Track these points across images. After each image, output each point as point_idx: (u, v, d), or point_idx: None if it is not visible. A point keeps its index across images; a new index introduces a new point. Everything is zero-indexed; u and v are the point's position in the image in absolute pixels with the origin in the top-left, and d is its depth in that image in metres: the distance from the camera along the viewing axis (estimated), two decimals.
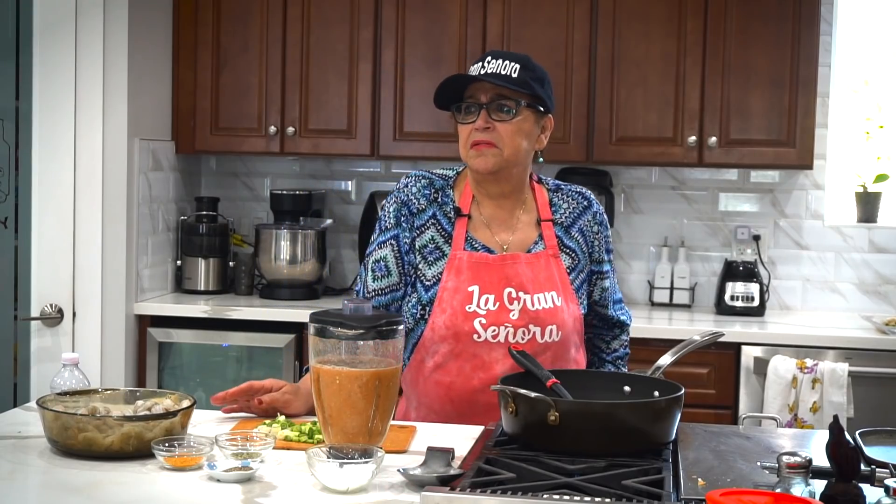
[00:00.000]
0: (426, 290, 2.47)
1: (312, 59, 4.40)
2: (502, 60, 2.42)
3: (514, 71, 2.42)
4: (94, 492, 1.89)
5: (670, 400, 2.08)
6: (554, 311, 2.46)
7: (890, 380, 3.83)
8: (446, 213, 2.51)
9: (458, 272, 2.45)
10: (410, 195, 2.52)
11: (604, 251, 2.59)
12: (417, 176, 2.56)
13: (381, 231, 2.54)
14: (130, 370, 4.17)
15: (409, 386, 2.57)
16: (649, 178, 4.62)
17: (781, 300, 4.55)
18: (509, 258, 2.47)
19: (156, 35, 4.35)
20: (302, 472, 2.00)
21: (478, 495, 1.75)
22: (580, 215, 2.56)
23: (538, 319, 2.44)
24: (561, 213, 2.55)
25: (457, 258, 2.46)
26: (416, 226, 2.50)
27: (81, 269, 4.05)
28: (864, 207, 4.53)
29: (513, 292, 2.44)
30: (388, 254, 2.51)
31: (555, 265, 2.50)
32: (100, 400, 2.24)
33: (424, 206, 2.51)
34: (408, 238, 2.50)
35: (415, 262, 2.49)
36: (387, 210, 2.54)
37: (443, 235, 2.49)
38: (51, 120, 4.00)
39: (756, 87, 4.20)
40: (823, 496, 1.72)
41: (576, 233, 2.55)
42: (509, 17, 4.28)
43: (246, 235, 4.77)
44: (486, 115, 2.42)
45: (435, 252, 2.49)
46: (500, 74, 2.40)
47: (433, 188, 2.53)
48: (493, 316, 2.43)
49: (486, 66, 2.42)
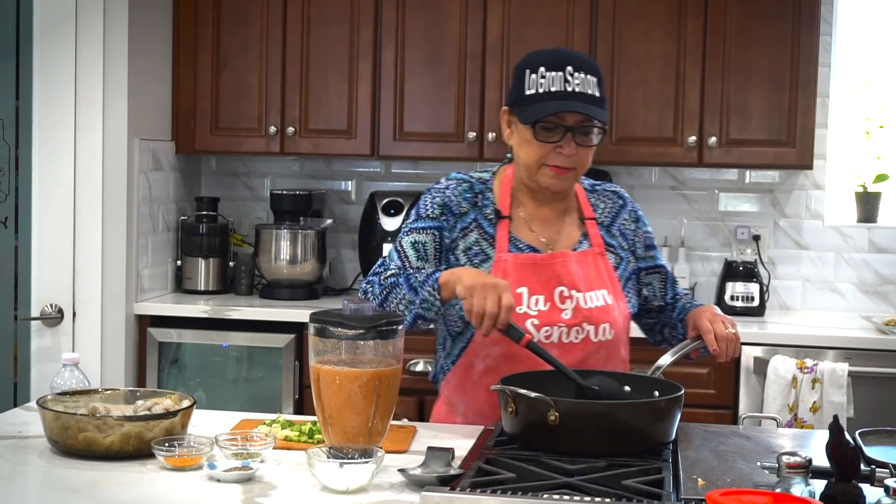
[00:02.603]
0: None
1: (312, 60, 4.40)
2: (584, 74, 2.35)
3: (595, 87, 2.36)
4: (94, 492, 1.89)
5: (670, 400, 2.08)
6: (606, 309, 2.43)
7: (890, 380, 3.83)
8: (487, 215, 2.48)
9: (505, 274, 2.40)
10: (452, 196, 2.47)
11: (645, 247, 2.57)
12: (458, 179, 2.52)
13: (420, 218, 2.46)
14: (130, 370, 4.17)
15: (454, 391, 2.51)
16: (649, 178, 4.62)
17: (781, 300, 4.55)
18: (559, 256, 2.44)
19: (156, 35, 4.35)
20: (302, 472, 2.00)
21: (478, 495, 1.75)
22: (617, 214, 2.56)
23: (591, 318, 2.41)
24: (600, 213, 2.54)
25: (502, 260, 2.43)
26: (459, 228, 2.46)
27: (81, 269, 4.05)
28: (864, 207, 4.53)
29: (564, 291, 2.41)
30: (428, 240, 2.45)
31: (602, 263, 2.48)
32: (100, 400, 2.24)
33: (466, 209, 2.47)
34: (448, 237, 2.46)
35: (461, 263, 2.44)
36: (427, 202, 2.47)
37: (486, 238, 2.46)
38: (51, 120, 4.00)
39: (756, 87, 4.20)
40: (823, 496, 1.72)
41: (616, 232, 2.54)
42: (509, 17, 4.28)
43: (246, 235, 4.77)
44: (571, 139, 2.36)
45: (480, 255, 2.45)
46: (587, 95, 2.34)
47: (473, 192, 2.50)
48: (545, 316, 2.39)
49: (570, 81, 2.34)
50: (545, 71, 2.35)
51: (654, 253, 2.60)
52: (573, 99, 2.33)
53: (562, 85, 2.34)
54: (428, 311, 2.32)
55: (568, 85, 2.33)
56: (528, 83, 2.37)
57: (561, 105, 2.33)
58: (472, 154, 4.34)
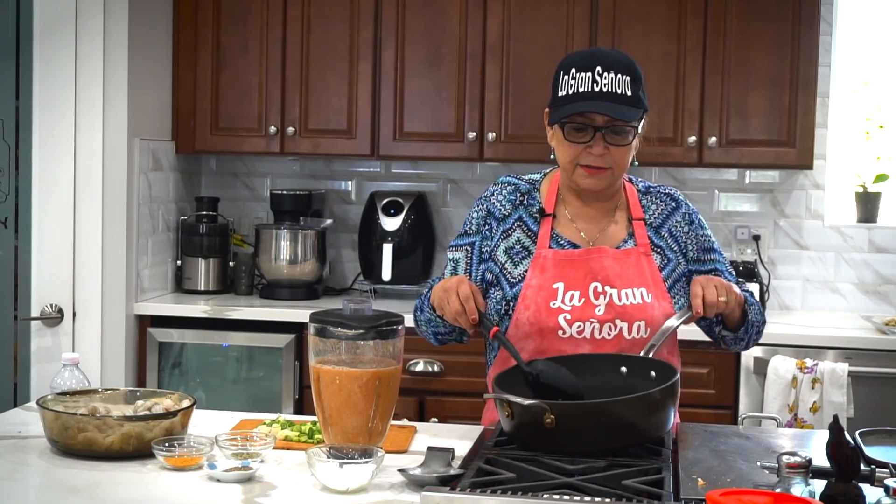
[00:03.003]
0: (511, 287, 2.43)
1: (312, 59, 4.40)
2: (615, 74, 2.33)
3: (627, 86, 2.34)
4: (94, 492, 1.89)
5: (664, 390, 2.07)
6: (643, 306, 2.40)
7: (890, 380, 3.83)
8: (532, 213, 2.49)
9: (543, 270, 2.42)
10: (496, 202, 2.51)
11: (700, 250, 2.52)
12: (504, 183, 2.55)
13: (462, 234, 2.54)
14: (130, 370, 4.17)
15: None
16: (649, 179, 4.61)
17: (781, 300, 4.55)
18: (595, 251, 2.44)
19: (156, 35, 4.35)
20: (302, 472, 2.00)
21: (478, 495, 1.75)
22: (669, 216, 2.52)
23: (625, 315, 2.39)
24: (650, 214, 2.52)
25: (542, 256, 2.43)
26: (502, 230, 2.49)
27: (81, 269, 4.05)
28: (864, 207, 4.53)
29: (599, 286, 2.40)
30: (461, 257, 2.52)
31: (646, 262, 2.45)
32: (100, 400, 2.24)
33: (510, 210, 2.50)
34: (488, 246, 2.49)
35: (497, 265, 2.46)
36: (471, 216, 2.53)
37: (529, 236, 2.47)
38: (51, 120, 4.00)
39: (756, 87, 4.20)
40: (823, 496, 1.72)
41: (665, 233, 2.51)
42: (509, 17, 4.28)
43: (246, 235, 4.77)
44: (601, 139, 2.36)
45: (521, 252, 2.46)
46: (616, 94, 2.33)
47: (519, 192, 2.52)
48: (577, 312, 2.38)
49: (598, 81, 2.33)
50: (575, 72, 2.35)
51: (713, 256, 2.55)
52: (599, 99, 2.32)
53: (589, 85, 2.33)
54: (437, 327, 2.47)
55: (596, 85, 2.32)
56: (561, 84, 2.38)
57: (582, 105, 2.33)
58: (472, 154, 4.33)
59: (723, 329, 2.49)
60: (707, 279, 2.37)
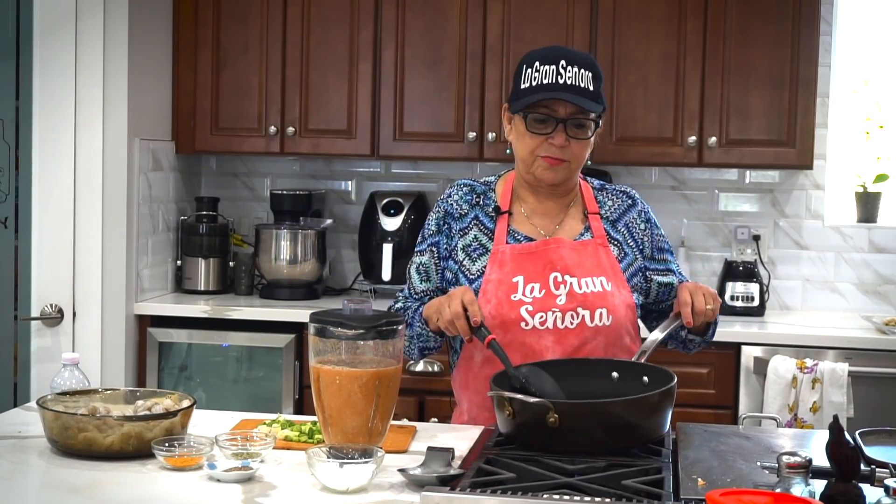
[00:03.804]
0: (470, 283, 2.46)
1: (312, 59, 4.40)
2: (578, 69, 2.38)
3: (589, 82, 2.39)
4: (94, 492, 1.89)
5: (664, 393, 2.08)
6: (603, 294, 2.43)
7: (890, 380, 3.83)
8: (487, 212, 2.53)
9: (502, 265, 2.45)
10: (452, 202, 2.55)
11: (656, 249, 2.56)
12: (460, 185, 2.59)
13: (423, 238, 2.57)
14: (130, 370, 4.17)
15: (460, 388, 2.56)
16: (649, 178, 4.62)
17: (781, 300, 4.55)
18: (552, 242, 2.47)
19: (156, 35, 4.35)
20: (302, 472, 2.00)
21: (478, 495, 1.75)
22: (625, 212, 2.56)
23: (586, 302, 2.41)
24: (606, 209, 2.55)
25: (499, 251, 2.46)
26: (459, 229, 2.52)
27: (81, 269, 4.05)
28: (864, 207, 4.53)
29: (558, 276, 2.43)
30: (427, 260, 2.55)
31: (604, 253, 2.48)
32: (100, 400, 2.24)
33: (466, 210, 2.53)
34: (447, 245, 2.52)
35: (456, 263, 2.50)
36: (430, 220, 2.57)
37: (485, 233, 2.50)
38: (51, 120, 4.00)
39: (756, 87, 4.20)
40: (823, 496, 1.72)
41: (622, 228, 2.54)
42: (509, 17, 4.28)
43: (246, 235, 4.77)
44: (563, 131, 2.39)
45: (478, 249, 2.49)
46: (580, 88, 2.37)
47: (475, 193, 2.56)
48: (539, 303, 2.41)
49: (562, 74, 2.38)
50: (539, 65, 2.40)
51: (667, 257, 2.59)
52: (564, 90, 2.37)
53: (554, 77, 2.37)
54: (427, 341, 2.49)
55: (560, 77, 2.37)
56: (524, 78, 2.42)
57: (549, 94, 2.37)
58: (472, 154, 4.34)
59: (689, 333, 2.51)
60: (695, 287, 2.41)
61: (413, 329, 2.48)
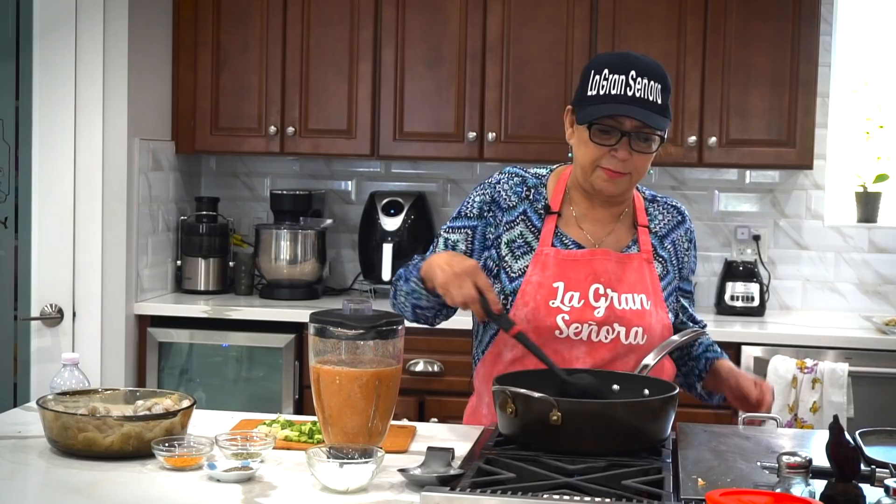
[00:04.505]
0: (510, 281, 2.41)
1: (312, 59, 4.40)
2: (648, 80, 2.30)
3: (658, 94, 2.31)
4: (94, 492, 1.89)
5: (666, 399, 2.08)
6: (642, 313, 2.39)
7: (890, 380, 3.83)
8: (537, 209, 2.46)
9: (544, 268, 2.40)
10: (501, 191, 2.47)
11: (689, 271, 2.55)
12: (511, 173, 2.51)
13: (460, 216, 2.49)
14: (130, 370, 4.17)
15: (483, 381, 2.48)
16: (649, 178, 4.62)
17: (781, 300, 4.55)
18: (600, 253, 2.42)
19: (156, 35, 4.35)
20: (302, 472, 2.00)
21: (478, 495, 1.75)
22: (674, 229, 2.52)
23: (624, 319, 2.38)
24: (656, 224, 2.51)
25: (543, 253, 2.41)
26: (505, 221, 2.45)
27: (81, 269, 4.05)
28: (864, 207, 4.53)
29: (600, 289, 2.38)
30: (460, 239, 2.46)
31: (647, 270, 2.44)
32: (100, 400, 2.24)
33: (515, 202, 2.46)
34: (492, 233, 2.45)
35: (499, 255, 2.44)
36: (472, 199, 2.48)
37: (532, 231, 2.44)
38: (51, 120, 4.00)
39: (756, 86, 4.20)
40: (823, 496, 1.72)
41: (668, 245, 2.50)
42: (509, 16, 4.28)
43: (246, 235, 4.77)
44: (627, 144, 2.32)
45: (523, 246, 2.43)
46: (648, 101, 2.30)
47: (526, 186, 2.48)
48: (576, 313, 2.36)
49: (631, 86, 2.29)
50: (608, 73, 2.31)
51: (692, 279, 2.59)
52: (632, 104, 2.29)
53: (622, 89, 2.30)
54: (419, 300, 2.38)
55: (629, 89, 2.29)
56: (591, 84, 2.34)
57: (617, 108, 2.30)
58: (472, 154, 4.34)
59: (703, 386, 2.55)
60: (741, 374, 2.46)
61: (409, 284, 2.38)
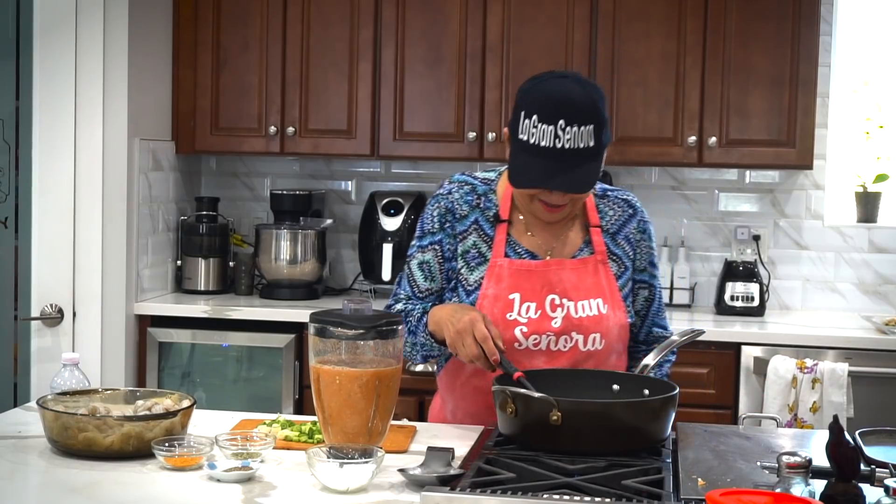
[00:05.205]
0: (467, 295, 2.43)
1: (312, 59, 4.40)
2: (578, 127, 2.23)
3: (591, 136, 2.25)
4: (94, 492, 1.89)
5: (666, 399, 2.08)
6: (599, 318, 2.41)
7: (890, 380, 3.83)
8: (488, 217, 2.46)
9: (499, 280, 2.41)
10: (454, 200, 2.48)
11: (646, 262, 2.53)
12: (460, 182, 2.52)
13: (424, 234, 2.50)
14: (130, 370, 4.17)
15: (446, 389, 2.54)
16: (649, 178, 4.62)
17: (781, 300, 4.55)
18: (553, 264, 2.42)
19: (156, 35, 4.35)
20: (302, 472, 2.00)
21: (478, 495, 1.75)
22: (626, 223, 2.51)
23: (581, 327, 2.39)
24: (608, 220, 2.49)
25: (497, 265, 2.41)
26: (459, 232, 2.46)
27: (81, 269, 4.05)
28: (864, 207, 4.53)
29: (556, 299, 2.39)
30: (431, 258, 2.49)
31: (603, 271, 2.44)
32: (100, 400, 2.24)
33: (467, 211, 2.47)
34: (452, 245, 2.47)
35: (457, 267, 2.46)
36: (430, 214, 2.49)
37: (485, 240, 2.45)
38: (51, 120, 4.00)
39: (756, 87, 4.20)
40: (823, 496, 1.72)
41: (622, 240, 2.49)
42: (509, 16, 4.28)
43: (246, 235, 4.77)
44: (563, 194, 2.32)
45: (477, 257, 2.44)
46: (579, 149, 2.24)
47: (476, 193, 2.48)
48: (534, 324, 2.38)
49: (561, 137, 2.23)
50: (537, 121, 2.25)
51: (654, 271, 2.54)
52: (561, 158, 2.24)
53: (551, 140, 2.23)
54: (431, 350, 2.42)
55: (558, 140, 2.23)
56: (522, 127, 2.28)
57: (543, 180, 2.27)
58: (472, 154, 4.34)
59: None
60: None
61: (417, 337, 2.41)
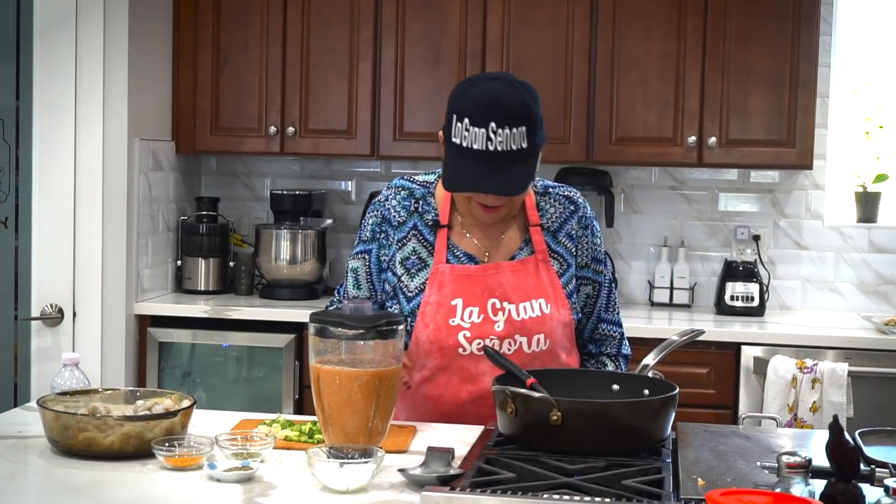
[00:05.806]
0: (408, 301, 2.42)
1: (312, 59, 4.40)
2: (509, 129, 2.23)
3: (523, 138, 2.25)
4: (94, 492, 1.89)
5: (667, 399, 2.08)
6: (541, 319, 2.40)
7: (890, 380, 3.83)
8: (427, 222, 2.45)
9: (441, 286, 2.40)
10: (390, 208, 2.47)
11: (589, 258, 2.49)
12: (398, 187, 2.50)
13: (359, 241, 2.51)
14: (130, 370, 4.17)
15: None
16: (649, 178, 4.62)
17: (781, 300, 4.55)
18: (492, 268, 2.41)
19: (156, 35, 4.35)
20: (302, 472, 2.00)
21: (478, 495, 1.75)
22: (567, 220, 2.48)
23: (524, 329, 2.39)
24: (548, 218, 2.47)
25: (439, 272, 2.41)
26: (398, 239, 2.45)
27: (81, 269, 4.05)
28: (864, 207, 4.53)
29: (497, 303, 2.39)
30: (360, 266, 2.49)
31: (544, 271, 2.43)
32: (100, 400, 2.24)
33: (405, 217, 2.46)
34: (386, 255, 2.46)
35: (395, 276, 2.44)
36: (366, 223, 2.49)
37: (425, 246, 2.44)
38: (51, 120, 4.01)
39: (756, 87, 4.20)
40: (823, 496, 1.72)
41: (563, 237, 2.47)
42: (509, 16, 4.28)
43: (246, 235, 4.77)
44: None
45: (418, 264, 2.43)
46: (512, 151, 2.24)
47: (413, 198, 2.47)
48: (477, 329, 2.38)
49: (493, 140, 2.23)
50: (469, 125, 2.26)
51: (600, 268, 2.51)
52: (493, 161, 2.24)
53: (483, 143, 2.24)
54: None
55: (490, 143, 2.23)
56: (455, 130, 2.29)
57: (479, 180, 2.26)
58: None
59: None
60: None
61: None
